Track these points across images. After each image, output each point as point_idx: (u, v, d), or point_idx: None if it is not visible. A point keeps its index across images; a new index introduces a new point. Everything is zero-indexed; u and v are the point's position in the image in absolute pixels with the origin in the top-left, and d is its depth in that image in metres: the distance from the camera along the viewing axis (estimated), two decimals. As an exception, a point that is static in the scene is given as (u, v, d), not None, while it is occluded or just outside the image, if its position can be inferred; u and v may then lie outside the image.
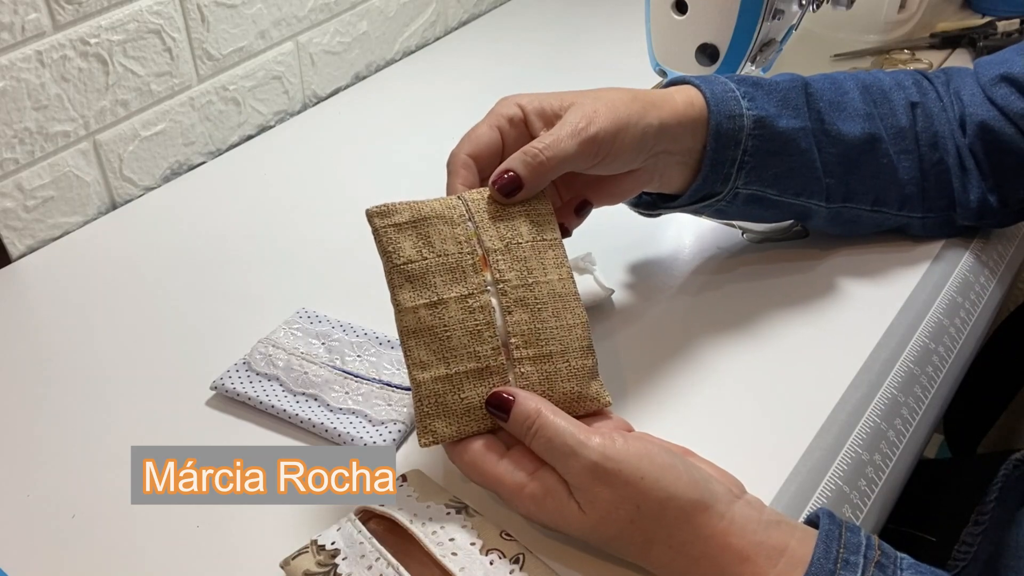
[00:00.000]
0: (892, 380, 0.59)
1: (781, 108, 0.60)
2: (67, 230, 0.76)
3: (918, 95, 0.65)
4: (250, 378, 0.59)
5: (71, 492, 0.54)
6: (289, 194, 0.80)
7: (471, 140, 0.55)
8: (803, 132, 0.61)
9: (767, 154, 0.60)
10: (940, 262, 0.68)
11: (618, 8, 1.09)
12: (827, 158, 0.62)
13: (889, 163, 0.64)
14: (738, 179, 0.60)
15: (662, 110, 0.56)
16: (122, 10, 0.73)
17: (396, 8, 0.98)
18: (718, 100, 0.58)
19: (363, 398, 0.57)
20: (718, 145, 0.58)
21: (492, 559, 0.45)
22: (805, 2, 0.75)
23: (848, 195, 0.64)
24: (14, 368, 0.63)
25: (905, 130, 0.64)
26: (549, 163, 0.51)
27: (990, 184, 0.66)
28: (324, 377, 0.59)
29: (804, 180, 0.62)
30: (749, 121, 0.59)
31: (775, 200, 0.62)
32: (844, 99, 0.63)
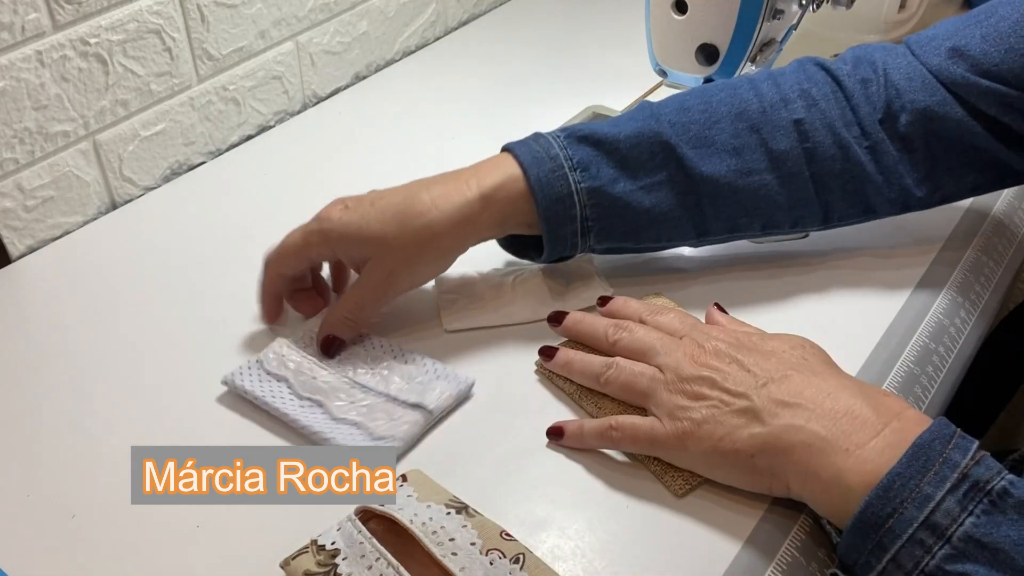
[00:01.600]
0: (892, 380, 0.59)
1: (619, 171, 0.60)
2: (67, 230, 0.76)
3: (803, 109, 0.61)
4: (260, 377, 0.59)
5: (71, 492, 0.54)
6: (289, 194, 0.80)
7: (281, 262, 0.62)
8: (647, 188, 0.60)
9: (612, 217, 0.60)
10: (940, 262, 0.68)
11: (618, 8, 1.09)
12: (694, 200, 0.61)
13: (769, 191, 0.62)
14: (587, 241, 0.61)
15: (469, 230, 0.60)
16: (122, 10, 0.73)
17: (396, 8, 0.98)
18: (543, 184, 0.59)
19: (367, 410, 0.57)
20: (551, 226, 0.60)
21: (492, 559, 0.45)
22: (805, 2, 0.75)
23: (733, 227, 0.63)
24: (14, 368, 0.63)
25: (786, 153, 0.61)
26: (361, 323, 0.61)
27: (921, 175, 0.63)
28: (331, 384, 0.58)
29: (660, 230, 0.62)
30: (583, 195, 0.59)
31: (639, 247, 0.64)
32: (711, 132, 0.61)
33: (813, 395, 0.49)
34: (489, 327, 0.63)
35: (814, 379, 0.50)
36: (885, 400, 0.49)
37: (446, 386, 0.58)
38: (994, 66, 0.59)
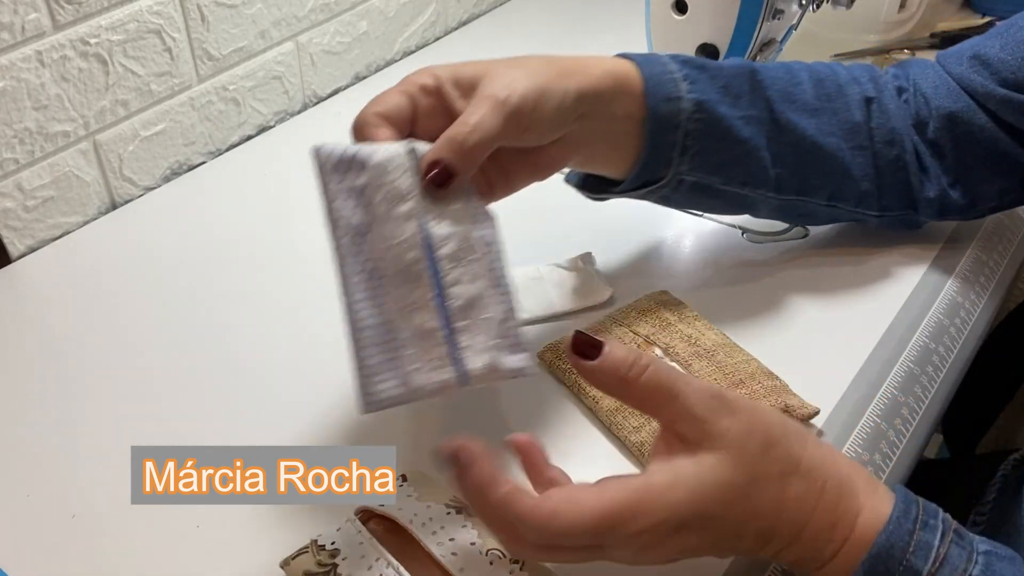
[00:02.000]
0: (892, 380, 0.59)
1: (723, 94, 0.58)
2: (67, 230, 0.76)
3: (874, 91, 0.63)
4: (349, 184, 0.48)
5: (71, 492, 0.54)
6: (289, 194, 0.80)
7: (379, 102, 0.51)
8: (746, 120, 0.59)
9: (710, 139, 0.58)
10: (940, 262, 0.68)
11: (618, 8, 1.09)
12: (777, 148, 0.60)
13: (842, 159, 0.62)
14: (681, 164, 0.58)
15: (581, 76, 0.53)
16: (122, 10, 0.73)
17: (396, 8, 0.98)
18: (655, 81, 0.56)
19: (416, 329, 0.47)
20: (656, 127, 0.56)
21: (492, 559, 0.45)
22: (805, 2, 0.75)
23: (803, 189, 0.62)
24: (14, 368, 0.63)
25: (860, 125, 0.62)
26: (477, 146, 0.49)
27: (953, 179, 0.64)
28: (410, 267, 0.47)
29: (750, 169, 0.60)
30: (689, 104, 0.56)
31: (721, 189, 0.61)
32: (796, 90, 0.61)
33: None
34: (489, 327, 0.63)
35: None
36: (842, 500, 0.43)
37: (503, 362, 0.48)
38: (1011, 74, 0.61)
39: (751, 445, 0.41)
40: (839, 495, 0.43)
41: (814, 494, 0.42)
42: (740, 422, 0.41)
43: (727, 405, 0.41)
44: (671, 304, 0.61)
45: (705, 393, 0.42)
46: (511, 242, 0.64)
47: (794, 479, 0.42)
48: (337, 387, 0.60)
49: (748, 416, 0.42)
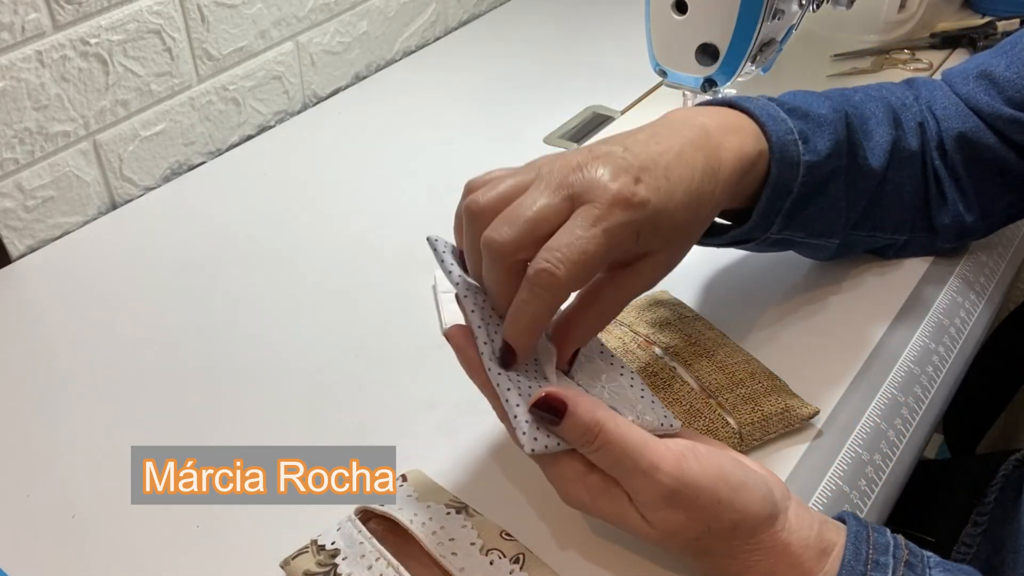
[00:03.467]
0: (892, 380, 0.59)
1: (832, 148, 0.55)
2: (67, 230, 0.76)
3: (920, 115, 0.63)
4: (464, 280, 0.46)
5: (71, 492, 0.54)
6: (289, 194, 0.80)
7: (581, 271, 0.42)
8: (838, 172, 0.57)
9: (807, 200, 0.56)
10: (940, 262, 0.68)
11: (618, 8, 1.09)
12: (853, 192, 0.59)
13: (896, 189, 0.61)
14: (776, 226, 0.56)
15: (731, 192, 0.50)
16: (122, 10, 0.73)
17: (396, 8, 0.98)
18: (782, 147, 0.53)
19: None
20: (773, 196, 0.54)
21: (492, 559, 0.45)
22: (805, 2, 0.75)
23: (857, 223, 0.61)
24: (14, 368, 0.63)
25: (915, 154, 0.61)
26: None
27: (969, 202, 0.64)
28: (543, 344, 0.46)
29: (831, 221, 0.59)
30: (804, 168, 0.54)
31: (798, 242, 0.59)
32: (869, 125, 0.59)
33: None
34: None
35: None
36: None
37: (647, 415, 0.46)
38: (1017, 93, 0.61)
39: (684, 533, 0.42)
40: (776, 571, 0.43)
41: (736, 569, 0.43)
42: (683, 517, 0.41)
43: (677, 507, 0.41)
44: (671, 304, 0.61)
45: (659, 498, 0.41)
46: None
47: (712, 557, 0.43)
48: (337, 387, 0.60)
49: (697, 514, 0.41)
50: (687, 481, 0.41)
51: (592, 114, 0.88)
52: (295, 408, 0.59)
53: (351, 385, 0.60)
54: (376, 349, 0.63)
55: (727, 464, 0.43)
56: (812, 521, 0.44)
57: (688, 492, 0.41)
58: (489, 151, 0.84)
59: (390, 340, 0.64)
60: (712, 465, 0.42)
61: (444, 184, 0.80)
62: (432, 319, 0.65)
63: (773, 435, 0.54)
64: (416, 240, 0.73)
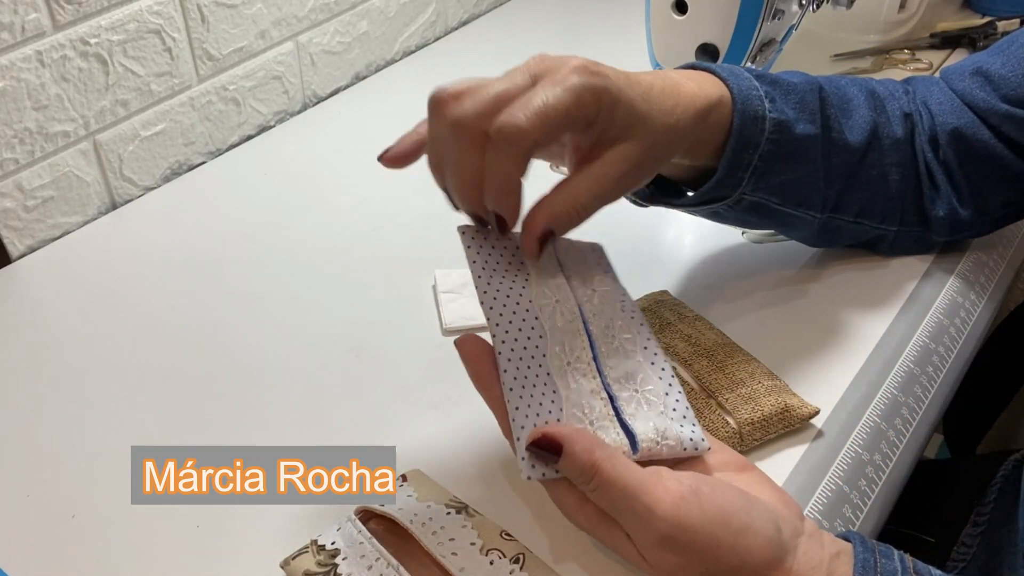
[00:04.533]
0: (892, 380, 0.59)
1: (799, 112, 0.57)
2: (67, 230, 0.76)
3: (909, 105, 0.64)
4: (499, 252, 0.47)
5: (71, 492, 0.54)
6: (289, 194, 0.80)
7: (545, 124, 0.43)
8: (814, 139, 0.58)
9: (779, 160, 0.57)
10: (940, 262, 0.68)
11: (618, 8, 1.09)
12: (831, 167, 0.60)
13: (881, 174, 0.62)
14: (748, 184, 0.57)
15: (701, 125, 0.52)
16: (122, 10, 0.73)
17: (396, 8, 0.98)
18: (743, 98, 0.54)
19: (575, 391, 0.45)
20: (738, 146, 0.55)
21: (492, 559, 0.45)
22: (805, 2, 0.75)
23: (837, 206, 0.62)
24: (14, 368, 0.63)
25: (900, 141, 0.62)
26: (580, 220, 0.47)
27: (962, 196, 0.64)
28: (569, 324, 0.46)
29: (807, 189, 0.60)
30: (770, 124, 0.55)
31: (775, 209, 0.60)
32: (850, 106, 0.61)
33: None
34: (489, 327, 0.63)
35: None
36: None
37: (676, 432, 0.44)
38: (1012, 91, 0.61)
39: (683, 574, 0.41)
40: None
41: None
42: (682, 559, 0.41)
43: (674, 550, 0.41)
44: (671, 304, 0.61)
45: (655, 541, 0.41)
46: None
47: None
48: (337, 387, 0.60)
49: (696, 558, 0.41)
50: (685, 526, 0.40)
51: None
52: (295, 408, 0.59)
53: (351, 385, 0.60)
54: (376, 349, 0.63)
55: (731, 506, 0.41)
56: (822, 559, 0.42)
57: (684, 537, 0.40)
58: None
59: (390, 340, 0.64)
60: (714, 507, 0.41)
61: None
62: (432, 319, 0.65)
63: (773, 435, 0.54)
64: (416, 240, 0.73)
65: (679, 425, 0.44)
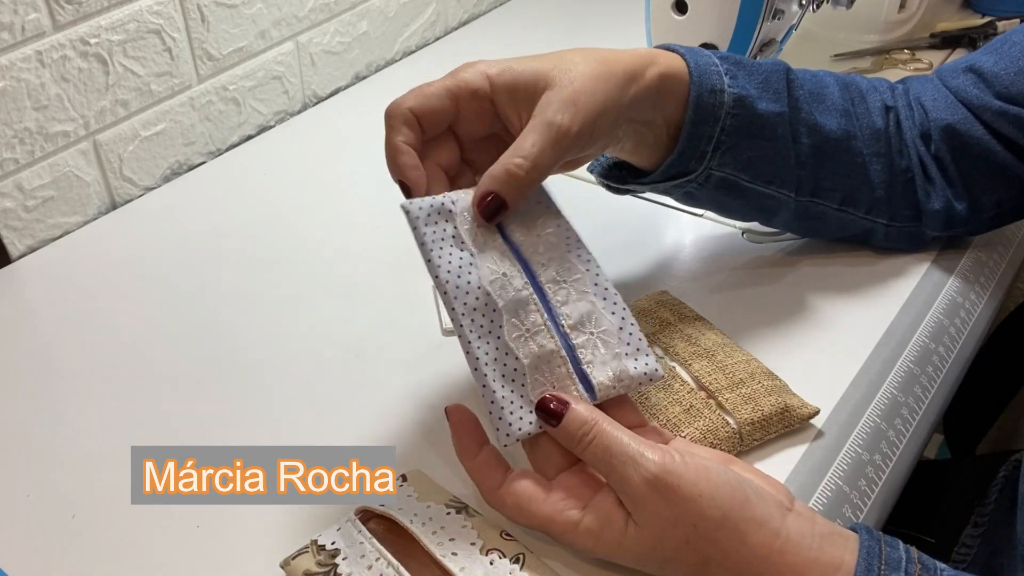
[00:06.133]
0: (892, 380, 0.59)
1: (762, 90, 0.58)
2: (67, 230, 0.76)
3: (892, 99, 0.65)
4: (443, 234, 0.49)
5: (71, 492, 0.54)
6: (289, 194, 0.80)
7: (420, 96, 0.51)
8: (780, 117, 0.59)
9: (744, 136, 0.58)
10: (940, 262, 0.68)
11: (618, 8, 1.09)
12: (801, 148, 0.60)
13: (862, 163, 0.62)
14: (713, 159, 0.58)
15: (639, 83, 0.53)
16: (122, 10, 0.73)
17: (396, 8, 0.98)
18: (701, 71, 0.56)
19: (536, 357, 0.47)
20: (696, 118, 0.56)
21: (492, 559, 0.45)
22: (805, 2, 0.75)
23: (816, 190, 0.62)
24: (14, 368, 0.63)
25: (880, 132, 0.63)
26: (534, 181, 0.49)
27: (958, 191, 0.64)
28: (518, 293, 0.48)
29: (777, 167, 0.60)
30: (729, 98, 0.57)
31: (746, 187, 0.60)
32: (824, 92, 0.62)
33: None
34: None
35: None
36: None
37: (630, 369, 0.48)
38: (1005, 88, 0.61)
39: (672, 534, 0.43)
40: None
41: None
42: (668, 511, 0.43)
43: (662, 494, 0.43)
44: (671, 304, 0.61)
45: (643, 482, 0.43)
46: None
47: (711, 568, 0.43)
48: (337, 387, 0.60)
49: (681, 508, 0.43)
50: (670, 469, 0.43)
51: (592, 114, 0.88)
52: (295, 408, 0.59)
53: (351, 385, 0.60)
54: (376, 349, 0.63)
55: (712, 465, 0.44)
56: (815, 534, 0.43)
57: (671, 479, 0.43)
58: (489, 151, 0.84)
59: (390, 340, 0.64)
60: (695, 462, 0.44)
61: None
62: (432, 319, 0.65)
63: (773, 435, 0.54)
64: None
65: (633, 361, 0.48)
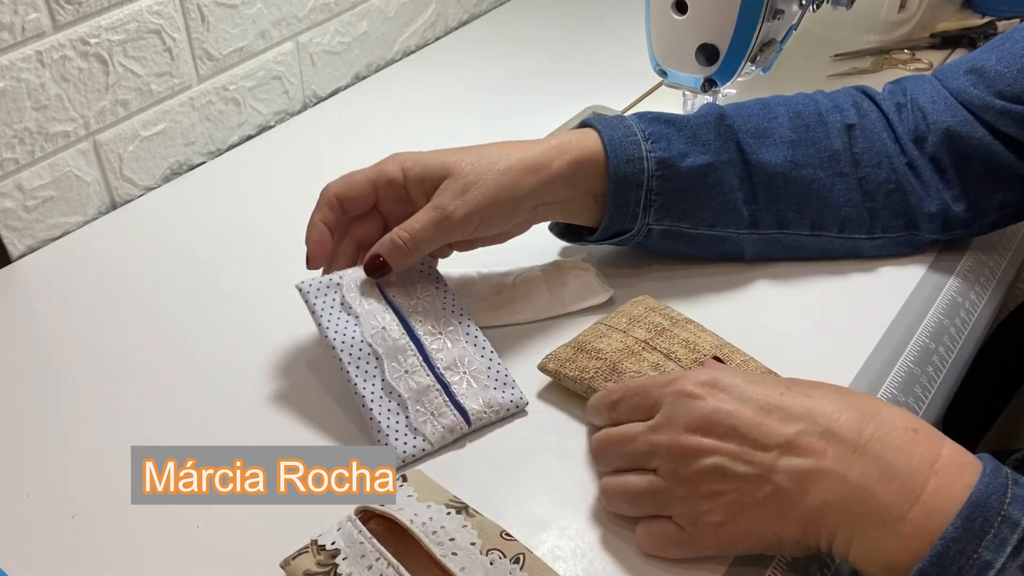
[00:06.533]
0: (892, 380, 0.59)
1: (689, 145, 0.62)
2: (67, 230, 0.76)
3: (856, 116, 0.65)
4: (333, 302, 0.57)
5: (71, 492, 0.54)
6: (289, 194, 0.80)
7: (345, 183, 0.60)
8: (711, 167, 0.62)
9: (673, 192, 0.62)
10: (940, 262, 0.68)
11: (618, 8, 1.09)
12: (750, 187, 0.63)
13: (820, 187, 0.64)
14: (647, 216, 0.62)
15: (541, 172, 0.59)
16: (122, 10, 0.73)
17: (396, 8, 0.98)
18: (616, 145, 0.60)
19: (415, 391, 0.55)
20: (618, 188, 0.61)
21: (492, 559, 0.45)
22: (805, 2, 0.75)
23: (782, 222, 0.65)
24: (14, 368, 0.63)
25: (839, 152, 0.64)
26: (413, 252, 0.57)
27: (956, 192, 0.64)
28: (397, 343, 0.56)
29: (716, 212, 0.63)
30: (651, 163, 0.61)
31: (692, 234, 0.64)
32: (771, 126, 0.64)
33: (838, 458, 0.43)
34: (489, 327, 0.63)
35: (832, 437, 0.44)
36: (918, 445, 0.43)
37: (498, 399, 0.56)
38: (1007, 87, 0.61)
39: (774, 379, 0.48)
40: (908, 437, 0.43)
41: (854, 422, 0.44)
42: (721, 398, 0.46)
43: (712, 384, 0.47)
44: (660, 310, 0.61)
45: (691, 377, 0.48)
46: (512, 243, 0.64)
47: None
48: (338, 387, 0.60)
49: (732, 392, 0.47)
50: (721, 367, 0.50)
51: (592, 114, 0.87)
52: (295, 408, 0.59)
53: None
54: (376, 349, 0.63)
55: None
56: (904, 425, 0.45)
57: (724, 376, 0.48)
58: (489, 151, 0.84)
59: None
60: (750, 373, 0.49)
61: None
62: (432, 319, 0.65)
63: None
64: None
65: (501, 392, 0.57)
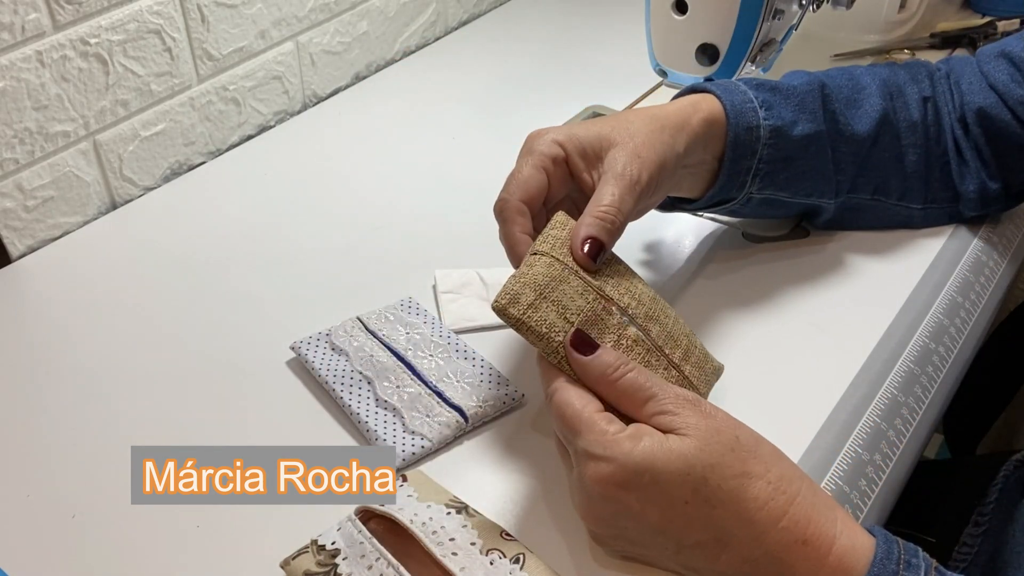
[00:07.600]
0: (892, 380, 0.59)
1: (797, 114, 0.62)
2: (67, 230, 0.76)
3: (930, 89, 0.67)
4: (324, 349, 0.61)
5: (71, 492, 0.54)
6: (289, 194, 0.80)
7: (521, 185, 0.54)
8: (817, 136, 0.62)
9: (780, 161, 0.62)
10: (940, 262, 0.68)
11: (618, 8, 1.09)
12: (840, 156, 0.64)
13: (897, 155, 0.66)
14: (752, 185, 0.62)
15: (686, 132, 0.57)
16: (122, 10, 0.73)
17: (396, 8, 0.98)
18: (737, 112, 0.60)
19: (409, 399, 0.57)
20: (735, 155, 0.60)
21: (492, 559, 0.45)
22: (805, 2, 0.75)
23: (853, 187, 0.66)
24: (14, 368, 0.63)
25: (917, 124, 0.66)
26: (622, 225, 0.53)
27: (991, 171, 0.67)
28: (385, 364, 0.59)
29: (815, 181, 0.64)
30: (766, 132, 0.60)
31: (787, 202, 0.64)
32: (860, 96, 0.65)
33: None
34: (489, 327, 0.63)
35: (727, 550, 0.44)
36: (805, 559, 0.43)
37: (492, 395, 0.57)
38: None
39: (717, 440, 0.43)
40: (811, 515, 0.43)
41: (779, 503, 0.43)
42: (711, 422, 0.44)
43: (700, 408, 0.45)
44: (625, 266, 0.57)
45: (680, 395, 0.45)
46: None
47: (758, 482, 0.43)
48: (337, 387, 0.60)
49: (721, 421, 0.45)
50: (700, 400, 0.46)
51: (592, 114, 0.88)
52: (295, 408, 0.59)
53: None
54: (376, 349, 0.63)
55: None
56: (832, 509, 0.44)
57: (706, 403, 0.45)
58: (489, 151, 0.84)
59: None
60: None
61: (444, 184, 0.80)
62: (432, 319, 0.65)
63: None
64: (416, 240, 0.73)
65: (496, 389, 0.58)
